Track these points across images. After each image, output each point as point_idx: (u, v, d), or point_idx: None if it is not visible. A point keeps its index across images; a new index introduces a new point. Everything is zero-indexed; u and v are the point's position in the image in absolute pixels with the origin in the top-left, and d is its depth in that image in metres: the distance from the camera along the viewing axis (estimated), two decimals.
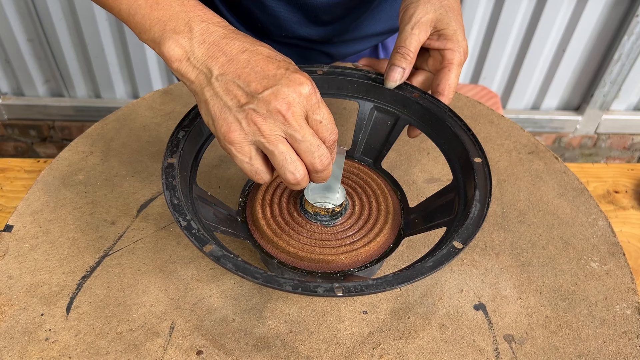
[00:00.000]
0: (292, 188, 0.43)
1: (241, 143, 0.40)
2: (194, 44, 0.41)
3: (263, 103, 0.39)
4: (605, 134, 1.80)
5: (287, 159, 0.40)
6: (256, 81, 0.39)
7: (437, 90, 0.52)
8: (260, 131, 0.39)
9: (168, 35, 0.41)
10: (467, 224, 0.42)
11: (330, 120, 0.42)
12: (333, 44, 0.72)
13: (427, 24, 0.51)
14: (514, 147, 0.67)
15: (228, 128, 0.40)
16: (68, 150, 0.62)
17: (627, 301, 0.50)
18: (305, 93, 0.40)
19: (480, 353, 0.46)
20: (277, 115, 0.39)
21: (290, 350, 0.45)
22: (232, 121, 0.40)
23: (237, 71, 0.40)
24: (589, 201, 0.60)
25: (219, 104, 0.40)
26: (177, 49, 0.41)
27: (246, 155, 0.41)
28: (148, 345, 0.45)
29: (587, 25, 1.53)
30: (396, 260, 0.53)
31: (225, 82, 0.40)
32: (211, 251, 0.39)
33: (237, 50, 0.41)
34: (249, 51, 0.41)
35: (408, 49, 0.51)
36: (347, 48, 0.74)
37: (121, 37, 1.51)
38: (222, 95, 0.40)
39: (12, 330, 0.45)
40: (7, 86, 1.64)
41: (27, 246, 0.52)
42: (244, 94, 0.39)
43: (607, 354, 0.46)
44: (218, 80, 0.40)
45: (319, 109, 0.41)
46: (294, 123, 0.39)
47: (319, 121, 0.41)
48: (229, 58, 0.40)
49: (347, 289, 0.37)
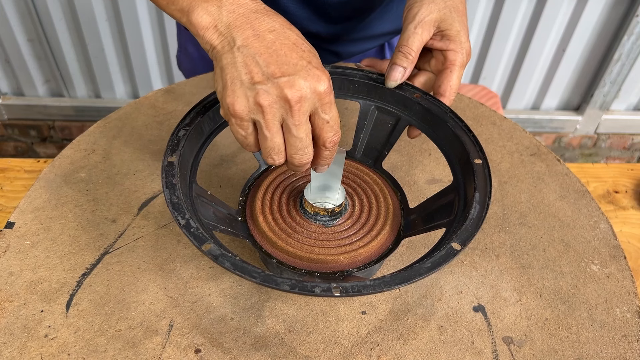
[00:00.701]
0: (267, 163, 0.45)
1: (242, 118, 0.41)
2: (222, 12, 0.41)
3: (276, 88, 0.39)
4: (605, 134, 1.80)
5: (275, 148, 0.41)
6: (276, 65, 0.39)
7: (439, 92, 0.52)
8: (263, 113, 0.40)
9: (197, 3, 0.42)
10: (466, 225, 0.42)
11: (336, 122, 0.42)
12: (341, 42, 0.72)
13: (430, 23, 0.51)
14: (515, 149, 0.67)
15: (234, 100, 0.40)
16: (70, 148, 0.62)
17: (627, 304, 0.50)
18: (320, 91, 0.40)
19: (478, 355, 0.46)
20: (284, 103, 0.39)
21: (288, 349, 0.45)
22: (240, 95, 0.40)
23: (260, 48, 0.40)
24: (590, 204, 0.60)
25: (232, 74, 0.40)
26: (205, 17, 0.41)
27: (244, 129, 0.42)
28: (147, 343, 0.45)
29: (587, 25, 1.53)
30: (396, 261, 0.53)
31: (245, 55, 0.40)
32: (209, 250, 0.39)
33: (266, 28, 0.41)
34: (277, 32, 0.41)
35: (410, 48, 0.51)
36: (354, 47, 0.74)
37: (121, 37, 1.51)
38: (239, 66, 0.40)
39: (11, 327, 0.45)
40: (7, 86, 1.64)
41: (28, 243, 0.52)
42: (260, 73, 0.39)
43: (607, 357, 0.46)
44: (240, 50, 0.40)
45: (329, 109, 0.41)
46: (296, 116, 0.40)
47: (326, 121, 0.41)
48: (256, 33, 0.41)
49: (344, 289, 0.37)
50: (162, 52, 1.55)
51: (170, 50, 1.54)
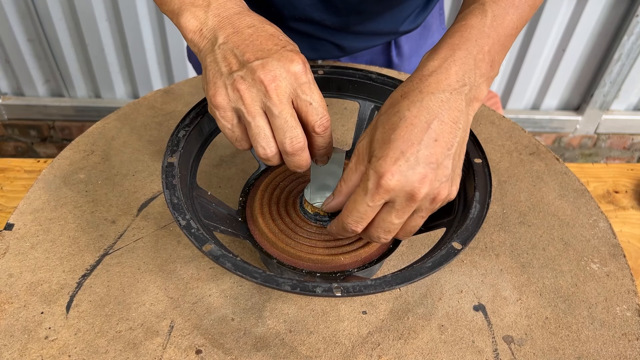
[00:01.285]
0: (264, 162, 0.44)
1: (225, 108, 0.41)
2: (208, 16, 0.43)
3: (250, 72, 0.40)
4: (605, 134, 1.80)
5: (260, 133, 0.41)
6: (251, 52, 0.41)
7: None
8: (242, 99, 0.40)
9: (186, 7, 0.43)
10: (466, 224, 0.42)
11: (321, 104, 0.41)
12: (346, 34, 0.71)
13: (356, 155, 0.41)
14: (515, 148, 0.67)
15: (215, 92, 0.41)
16: (69, 149, 0.62)
17: (627, 303, 0.50)
18: (294, 71, 0.40)
19: (479, 354, 0.46)
20: (260, 85, 0.39)
21: (289, 350, 0.45)
22: (220, 86, 0.41)
23: (237, 42, 0.41)
24: (589, 202, 0.60)
25: (214, 69, 0.42)
26: (193, 21, 0.43)
27: (229, 121, 0.42)
28: (147, 344, 0.45)
29: (587, 25, 1.53)
30: (396, 261, 0.53)
31: (224, 51, 0.41)
32: (210, 250, 0.39)
33: (245, 25, 0.42)
34: (256, 27, 0.42)
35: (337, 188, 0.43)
36: (359, 42, 0.73)
37: (121, 37, 1.51)
38: (219, 61, 0.41)
39: (12, 328, 0.45)
40: (7, 86, 1.64)
41: (27, 244, 0.52)
42: (237, 62, 0.41)
43: (607, 355, 0.46)
44: (220, 48, 0.42)
45: (309, 90, 0.41)
46: (274, 96, 0.39)
47: (309, 102, 0.41)
48: (235, 30, 0.42)
49: (345, 289, 0.37)
50: (162, 52, 1.55)
51: (170, 50, 1.54)
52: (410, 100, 0.39)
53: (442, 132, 0.38)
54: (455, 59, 0.40)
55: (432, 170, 0.38)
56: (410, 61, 0.81)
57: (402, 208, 0.39)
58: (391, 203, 0.39)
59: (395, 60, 0.80)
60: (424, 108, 0.38)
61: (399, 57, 0.80)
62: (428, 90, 0.39)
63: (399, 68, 0.81)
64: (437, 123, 0.38)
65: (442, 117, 0.38)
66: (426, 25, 0.80)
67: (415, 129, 0.38)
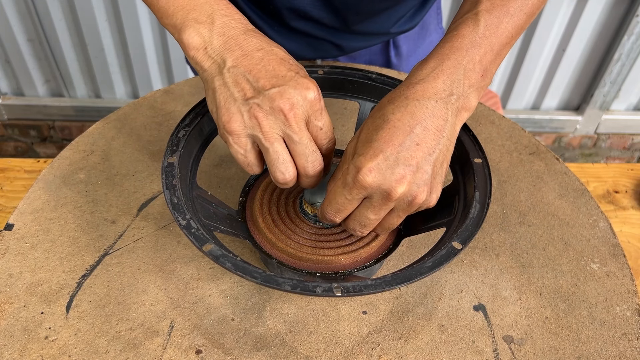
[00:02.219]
0: (280, 186, 0.43)
1: (239, 135, 0.41)
2: (213, 35, 0.42)
3: (268, 100, 0.39)
4: (605, 134, 1.80)
5: (279, 158, 0.41)
6: (265, 78, 0.40)
7: None
8: (260, 126, 0.40)
9: (190, 23, 0.42)
10: (466, 224, 0.42)
11: (329, 128, 0.42)
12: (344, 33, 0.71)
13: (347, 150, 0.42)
14: (514, 148, 0.67)
15: (229, 118, 0.40)
16: (69, 149, 0.62)
17: (627, 303, 0.50)
18: (311, 98, 0.40)
19: (479, 354, 0.46)
20: (279, 114, 0.39)
21: (289, 350, 0.45)
22: (235, 112, 0.40)
23: (249, 66, 0.41)
24: (589, 202, 0.60)
25: (225, 94, 0.41)
26: (196, 38, 0.42)
27: (242, 147, 0.42)
28: (147, 344, 0.45)
29: (587, 25, 1.53)
30: (396, 261, 0.53)
31: (236, 75, 0.41)
32: (210, 250, 0.39)
33: (254, 47, 0.42)
34: (265, 50, 0.42)
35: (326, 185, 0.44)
36: (358, 41, 0.74)
37: (121, 37, 1.51)
38: (230, 86, 0.41)
39: (12, 329, 0.45)
40: (7, 86, 1.64)
41: (27, 245, 0.52)
42: (252, 89, 0.40)
43: (607, 355, 0.46)
44: (230, 71, 0.41)
45: (321, 116, 0.42)
46: (294, 124, 0.40)
47: (320, 127, 0.42)
48: (244, 53, 0.41)
49: (345, 289, 0.37)
50: (162, 52, 1.55)
51: (170, 50, 1.54)
52: (395, 105, 0.40)
53: (425, 137, 0.39)
54: (444, 68, 0.40)
55: (411, 172, 0.39)
56: (409, 61, 0.82)
57: (379, 205, 0.40)
58: (369, 199, 0.40)
59: (393, 60, 0.81)
60: (407, 113, 0.39)
61: (398, 57, 0.80)
62: (414, 97, 0.40)
63: (398, 68, 0.81)
64: (419, 128, 0.39)
65: (426, 123, 0.39)
66: (424, 25, 0.80)
67: (397, 131, 0.39)
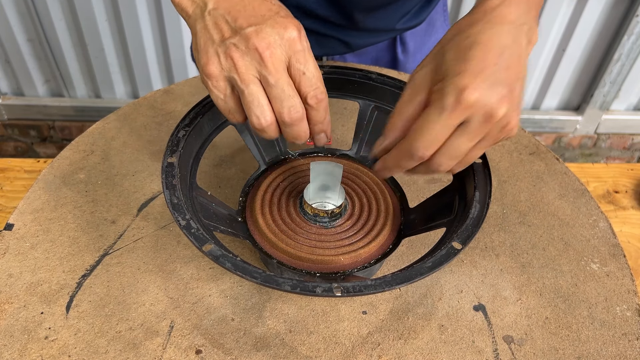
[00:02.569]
0: (260, 135, 0.41)
1: (217, 78, 0.40)
2: None
3: (244, 39, 0.38)
4: (605, 134, 1.80)
5: (254, 101, 0.39)
6: (243, 18, 0.39)
7: None
8: (236, 67, 0.39)
9: None
10: (466, 224, 0.42)
11: (316, 75, 0.40)
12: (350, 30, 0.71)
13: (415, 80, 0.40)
14: (515, 148, 0.67)
15: (207, 60, 0.40)
16: (69, 149, 0.62)
17: (627, 303, 0.50)
18: (289, 37, 0.38)
19: (479, 354, 0.46)
20: (254, 53, 0.38)
21: (289, 350, 0.45)
22: (212, 54, 0.39)
23: (229, 7, 0.40)
24: (589, 202, 0.60)
25: (204, 37, 0.40)
26: None
27: (221, 91, 0.40)
28: (147, 344, 0.45)
29: (587, 25, 1.53)
30: (396, 261, 0.53)
31: (215, 17, 0.40)
32: (210, 250, 0.39)
33: None
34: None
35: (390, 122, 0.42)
36: (364, 38, 0.73)
37: (121, 37, 1.51)
38: (210, 28, 0.40)
39: (11, 329, 0.45)
40: (7, 86, 1.64)
41: (27, 245, 0.52)
42: (229, 29, 0.39)
43: (607, 355, 0.46)
44: (210, 14, 0.40)
45: (303, 59, 0.39)
46: (269, 64, 0.38)
47: (302, 72, 0.39)
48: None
49: (345, 289, 0.37)
50: (162, 52, 1.55)
51: (170, 50, 1.54)
52: (480, 28, 0.38)
53: (512, 62, 0.37)
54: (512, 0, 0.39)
55: (509, 93, 0.36)
56: (415, 57, 0.82)
57: (476, 129, 0.37)
58: (466, 124, 0.37)
59: (400, 57, 0.80)
60: (495, 36, 0.37)
61: (404, 54, 0.80)
62: (495, 22, 0.38)
63: (404, 64, 0.81)
64: (508, 52, 0.37)
65: (512, 48, 0.37)
66: (430, 22, 0.80)
67: (490, 51, 0.37)
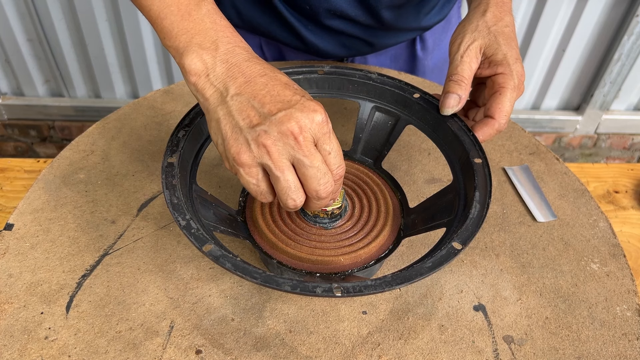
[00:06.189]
0: (288, 210, 0.43)
1: (250, 165, 0.40)
2: (216, 62, 0.41)
3: (275, 125, 0.38)
4: (605, 134, 1.80)
5: (291, 187, 0.40)
6: (271, 103, 0.39)
7: (488, 114, 0.50)
8: (269, 154, 0.39)
9: (193, 48, 0.41)
10: (466, 224, 0.42)
11: (339, 153, 0.41)
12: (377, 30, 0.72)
13: (475, 50, 0.51)
14: (515, 148, 0.67)
15: (238, 149, 0.39)
16: (69, 149, 0.62)
17: (627, 303, 0.50)
18: (318, 121, 0.39)
19: (479, 354, 0.46)
20: (288, 138, 0.38)
21: (289, 350, 0.45)
22: (242, 142, 0.39)
23: (253, 92, 0.40)
24: (589, 202, 0.60)
25: (231, 124, 0.40)
26: (199, 64, 0.41)
27: (254, 177, 0.40)
28: (147, 344, 0.45)
29: (587, 25, 1.53)
30: (396, 261, 0.53)
31: (240, 102, 0.40)
32: (210, 251, 0.39)
33: (257, 73, 0.41)
34: (268, 76, 0.41)
35: (461, 75, 0.51)
36: (389, 38, 0.74)
37: (121, 37, 1.51)
38: (235, 114, 0.40)
39: (11, 329, 0.45)
40: (7, 86, 1.64)
41: (27, 245, 0.52)
42: (257, 115, 0.39)
43: (607, 355, 0.46)
44: (233, 99, 0.40)
45: (329, 140, 0.40)
46: (304, 148, 0.39)
47: (328, 152, 0.40)
48: (247, 79, 0.40)
49: (345, 289, 0.37)
50: (162, 52, 1.55)
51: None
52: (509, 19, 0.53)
53: None
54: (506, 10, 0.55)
55: None
56: (433, 55, 0.82)
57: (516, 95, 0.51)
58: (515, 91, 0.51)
59: (419, 54, 0.81)
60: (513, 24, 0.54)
61: (424, 51, 0.81)
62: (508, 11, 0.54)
63: (423, 61, 0.82)
64: None
65: None
66: (448, 18, 0.81)
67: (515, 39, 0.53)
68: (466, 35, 0.52)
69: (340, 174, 0.42)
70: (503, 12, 0.53)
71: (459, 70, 0.51)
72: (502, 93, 0.50)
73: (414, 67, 0.82)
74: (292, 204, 0.41)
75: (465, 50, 0.51)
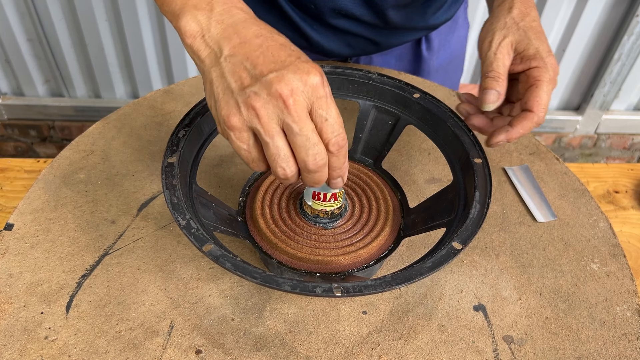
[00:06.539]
0: (281, 182, 0.41)
1: (240, 129, 0.38)
2: (211, 23, 0.40)
3: (265, 86, 0.37)
4: (605, 134, 1.80)
5: (279, 153, 0.38)
6: (263, 64, 0.38)
7: (526, 107, 0.51)
8: (258, 117, 0.37)
9: (188, 9, 0.41)
10: (466, 224, 0.42)
11: (337, 121, 0.39)
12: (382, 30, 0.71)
13: (507, 46, 0.52)
14: (515, 148, 0.67)
15: (228, 112, 0.38)
16: (69, 149, 0.62)
17: (627, 303, 0.50)
18: (312, 83, 0.37)
19: (479, 354, 0.46)
20: (277, 100, 0.37)
21: (289, 350, 0.45)
22: (232, 105, 0.38)
23: (247, 53, 0.39)
24: (589, 202, 0.60)
25: (222, 85, 0.39)
26: (193, 25, 0.40)
27: (244, 142, 0.39)
28: (147, 344, 0.45)
29: (587, 25, 1.53)
30: (396, 261, 0.53)
31: (233, 63, 0.39)
32: (210, 251, 0.39)
33: (252, 34, 0.40)
34: (264, 37, 0.40)
35: (497, 72, 0.51)
36: (395, 37, 0.74)
37: (121, 37, 1.51)
38: (227, 76, 0.39)
39: (11, 329, 0.45)
40: (7, 86, 1.64)
41: (27, 245, 0.52)
42: (249, 76, 0.38)
43: (607, 355, 0.46)
44: (227, 60, 0.39)
45: (326, 105, 0.38)
46: (293, 112, 0.37)
47: (324, 118, 0.38)
48: (242, 40, 0.39)
49: (345, 289, 0.37)
50: (162, 52, 1.55)
51: (170, 50, 1.54)
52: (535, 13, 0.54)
53: None
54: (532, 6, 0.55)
55: None
56: (439, 55, 0.82)
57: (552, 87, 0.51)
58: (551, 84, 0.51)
59: (425, 54, 0.81)
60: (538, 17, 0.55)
61: (429, 51, 0.81)
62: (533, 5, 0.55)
63: (428, 61, 0.81)
64: None
65: None
66: (454, 18, 0.81)
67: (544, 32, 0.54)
68: (496, 33, 0.52)
69: (339, 144, 0.39)
70: (528, 7, 0.54)
71: (494, 66, 0.51)
72: (538, 86, 0.50)
73: (419, 67, 0.82)
74: (281, 173, 0.39)
75: (497, 47, 0.52)
